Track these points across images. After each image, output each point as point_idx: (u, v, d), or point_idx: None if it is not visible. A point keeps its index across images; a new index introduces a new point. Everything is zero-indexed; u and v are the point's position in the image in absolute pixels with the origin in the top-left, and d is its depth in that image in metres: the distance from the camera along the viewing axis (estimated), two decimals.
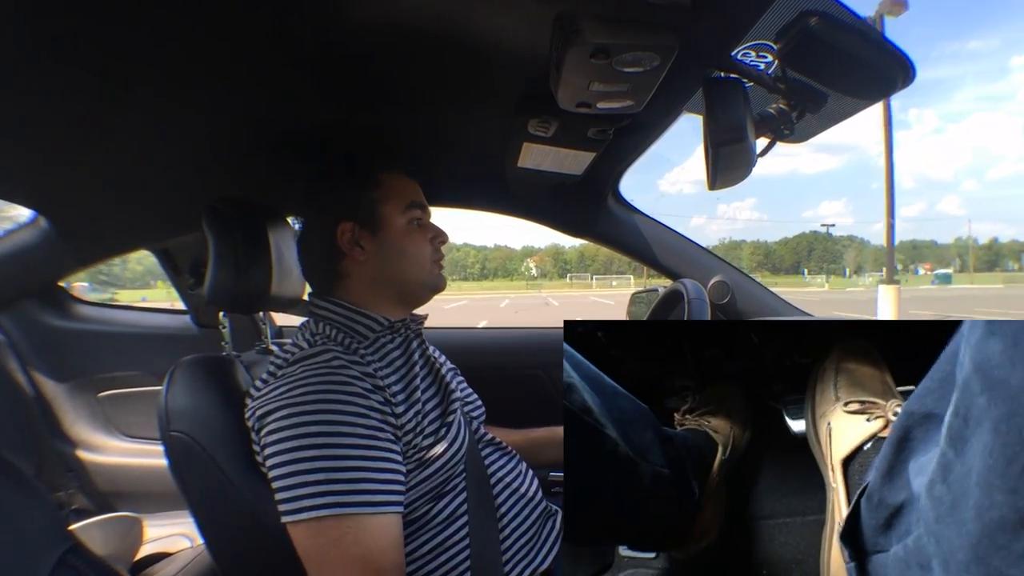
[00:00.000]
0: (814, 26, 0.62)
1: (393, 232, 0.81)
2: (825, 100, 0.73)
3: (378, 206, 0.81)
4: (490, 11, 0.61)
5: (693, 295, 1.05)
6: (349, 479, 0.62)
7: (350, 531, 0.61)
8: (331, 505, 0.61)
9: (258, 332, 1.11)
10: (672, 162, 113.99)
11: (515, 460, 0.87)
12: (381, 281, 0.80)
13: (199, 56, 0.67)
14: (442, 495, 0.74)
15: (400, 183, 0.84)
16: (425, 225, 0.84)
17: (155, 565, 1.23)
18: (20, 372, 1.51)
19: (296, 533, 0.62)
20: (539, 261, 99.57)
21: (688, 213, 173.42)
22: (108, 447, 1.60)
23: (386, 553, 0.63)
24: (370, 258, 0.80)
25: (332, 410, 0.65)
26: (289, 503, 0.62)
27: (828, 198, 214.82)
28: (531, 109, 0.82)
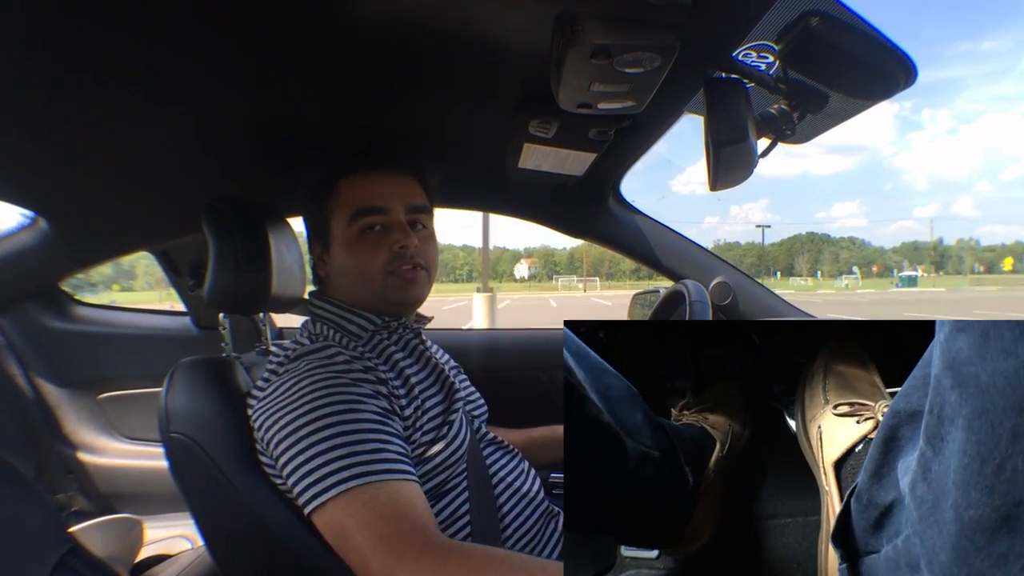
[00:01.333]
0: (815, 26, 0.62)
1: (340, 246, 0.78)
2: (826, 100, 0.73)
3: (329, 219, 0.79)
4: (491, 10, 0.61)
5: (695, 296, 1.05)
6: (370, 450, 0.62)
7: (380, 493, 0.60)
8: (357, 476, 0.60)
9: (258, 333, 1.11)
10: (679, 166, 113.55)
11: (517, 459, 0.87)
12: (349, 293, 0.80)
13: (199, 56, 0.67)
14: (443, 494, 0.74)
15: (354, 188, 0.78)
16: (386, 229, 0.78)
17: (155, 567, 1.22)
18: (20, 374, 1.51)
19: (325, 515, 0.61)
20: (531, 263, 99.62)
21: (700, 214, 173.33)
22: (108, 449, 1.60)
23: (419, 512, 0.61)
24: (330, 272, 0.81)
25: (342, 392, 0.65)
26: (313, 488, 0.61)
27: (841, 199, 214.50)
28: (532, 109, 0.82)
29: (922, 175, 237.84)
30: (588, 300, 31.42)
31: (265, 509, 0.68)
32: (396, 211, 0.78)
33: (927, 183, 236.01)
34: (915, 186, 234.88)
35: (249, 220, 0.88)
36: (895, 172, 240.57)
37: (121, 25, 0.59)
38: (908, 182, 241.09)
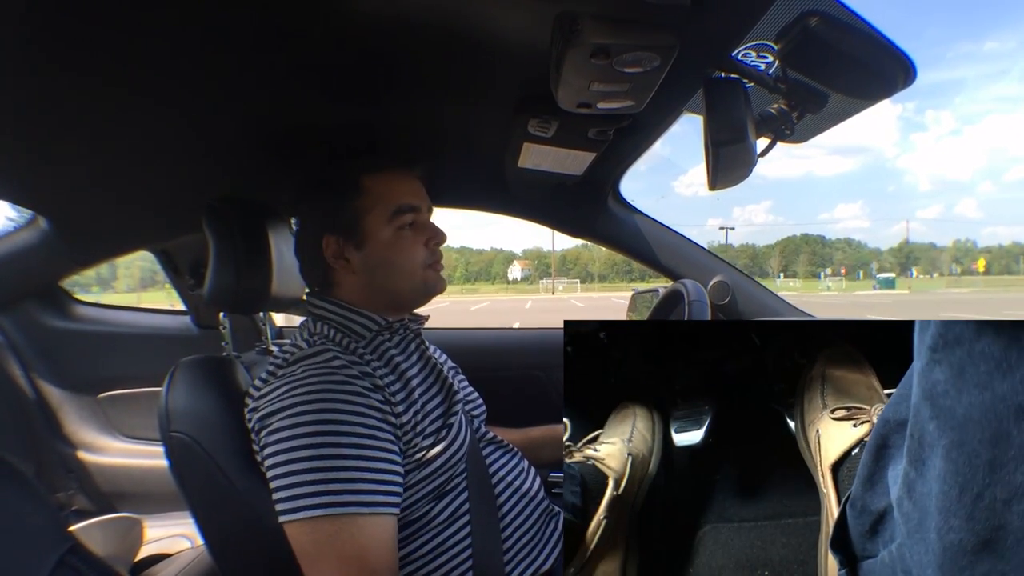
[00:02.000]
0: (814, 26, 0.62)
1: (379, 244, 0.78)
2: (826, 100, 0.73)
3: (362, 217, 0.77)
4: (490, 10, 0.61)
5: (694, 296, 1.05)
6: (345, 479, 0.62)
7: (344, 529, 0.61)
8: (326, 505, 0.61)
9: (258, 333, 1.11)
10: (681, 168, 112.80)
11: (517, 458, 0.87)
12: (372, 289, 0.79)
13: (198, 55, 0.67)
14: (443, 495, 0.74)
15: (387, 186, 0.79)
16: (419, 226, 0.80)
17: (155, 566, 1.23)
18: (20, 373, 1.51)
19: (292, 532, 0.63)
20: (524, 265, 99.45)
21: (703, 216, 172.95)
22: (108, 448, 1.60)
23: (380, 553, 0.63)
24: (357, 270, 0.79)
25: (331, 409, 0.65)
26: (286, 503, 0.62)
27: (844, 200, 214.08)
28: (531, 109, 0.82)
29: (925, 176, 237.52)
30: (564, 302, 31.70)
31: (265, 508, 0.68)
32: (424, 208, 0.81)
33: (930, 184, 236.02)
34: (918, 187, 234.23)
35: (249, 220, 0.89)
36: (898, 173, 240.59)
37: (120, 26, 0.59)
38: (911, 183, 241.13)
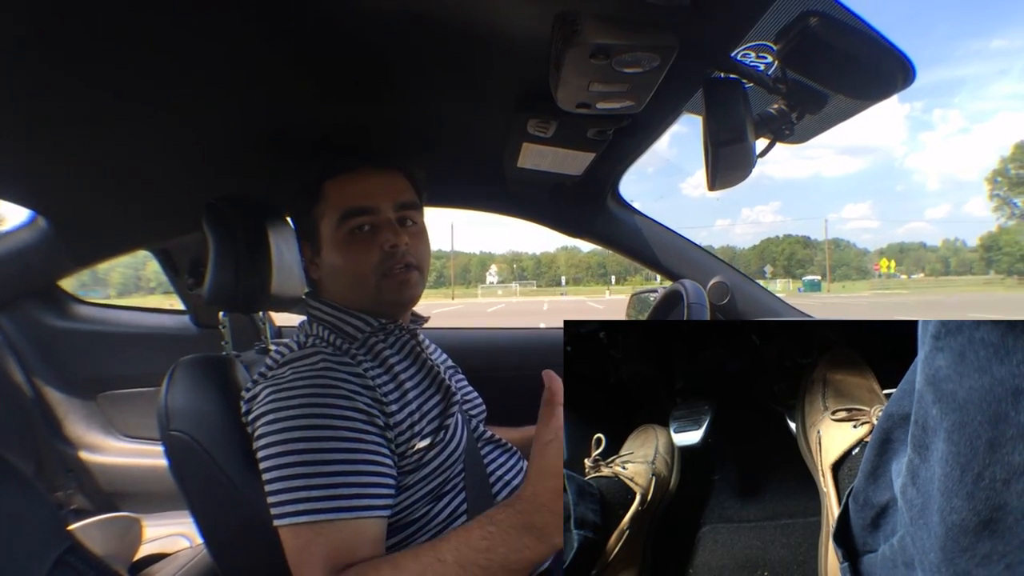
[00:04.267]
0: (814, 27, 0.62)
1: (330, 249, 0.77)
2: (825, 101, 0.73)
3: (319, 222, 0.78)
4: (489, 10, 0.61)
5: (693, 297, 1.05)
6: (327, 484, 0.62)
7: (324, 536, 0.61)
8: (308, 512, 0.61)
9: (257, 332, 1.11)
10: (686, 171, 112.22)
11: (516, 457, 0.87)
12: (341, 295, 0.79)
13: (197, 54, 0.67)
14: (441, 495, 0.74)
15: (339, 189, 0.77)
16: (376, 229, 0.76)
17: (154, 565, 1.22)
18: (19, 373, 1.51)
19: (281, 536, 0.63)
20: (500, 268, 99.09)
21: (709, 218, 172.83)
22: (107, 447, 1.60)
23: (365, 557, 0.62)
24: (322, 276, 0.80)
25: (315, 414, 0.65)
26: (274, 507, 0.63)
27: (852, 200, 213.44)
28: (530, 109, 0.82)
29: (934, 175, 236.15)
30: (521, 304, 32.08)
31: (264, 507, 0.68)
32: (385, 210, 0.77)
33: (939, 183, 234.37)
34: (927, 186, 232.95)
35: (249, 219, 0.89)
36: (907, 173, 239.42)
37: (119, 26, 0.59)
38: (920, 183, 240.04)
